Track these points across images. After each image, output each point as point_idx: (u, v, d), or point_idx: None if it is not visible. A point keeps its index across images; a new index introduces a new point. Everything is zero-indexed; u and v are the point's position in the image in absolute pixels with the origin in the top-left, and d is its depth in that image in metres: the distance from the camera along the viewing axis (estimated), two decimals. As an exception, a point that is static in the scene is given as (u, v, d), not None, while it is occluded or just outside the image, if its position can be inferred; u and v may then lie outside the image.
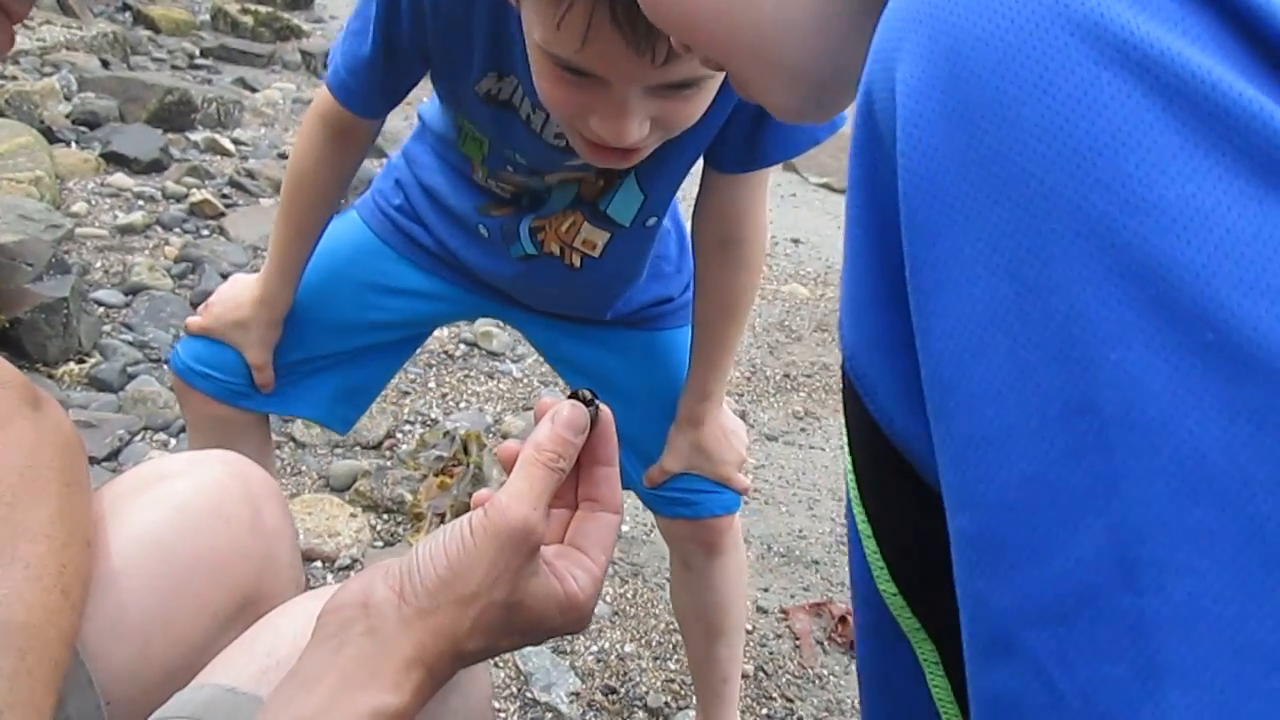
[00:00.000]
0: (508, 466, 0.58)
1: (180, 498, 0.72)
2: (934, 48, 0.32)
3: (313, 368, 1.23)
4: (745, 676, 1.66)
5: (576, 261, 1.14)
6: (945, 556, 0.34)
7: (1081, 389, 0.30)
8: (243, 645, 0.64)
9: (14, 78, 3.60)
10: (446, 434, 2.09)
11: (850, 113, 1.14)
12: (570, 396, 0.60)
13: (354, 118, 1.09)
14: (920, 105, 0.32)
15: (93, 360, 2.13)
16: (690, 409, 1.18)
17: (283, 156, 3.65)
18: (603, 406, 0.61)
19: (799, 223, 4.11)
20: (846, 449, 0.40)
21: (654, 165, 1.05)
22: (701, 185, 1.10)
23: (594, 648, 1.67)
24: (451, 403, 2.33)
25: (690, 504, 1.23)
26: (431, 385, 2.38)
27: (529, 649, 1.58)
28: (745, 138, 1.03)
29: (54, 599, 0.58)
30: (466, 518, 0.53)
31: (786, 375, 2.77)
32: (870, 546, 0.38)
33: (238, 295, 1.19)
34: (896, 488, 0.36)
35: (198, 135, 3.63)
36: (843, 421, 0.39)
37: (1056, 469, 0.30)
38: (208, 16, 5.80)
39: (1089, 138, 0.29)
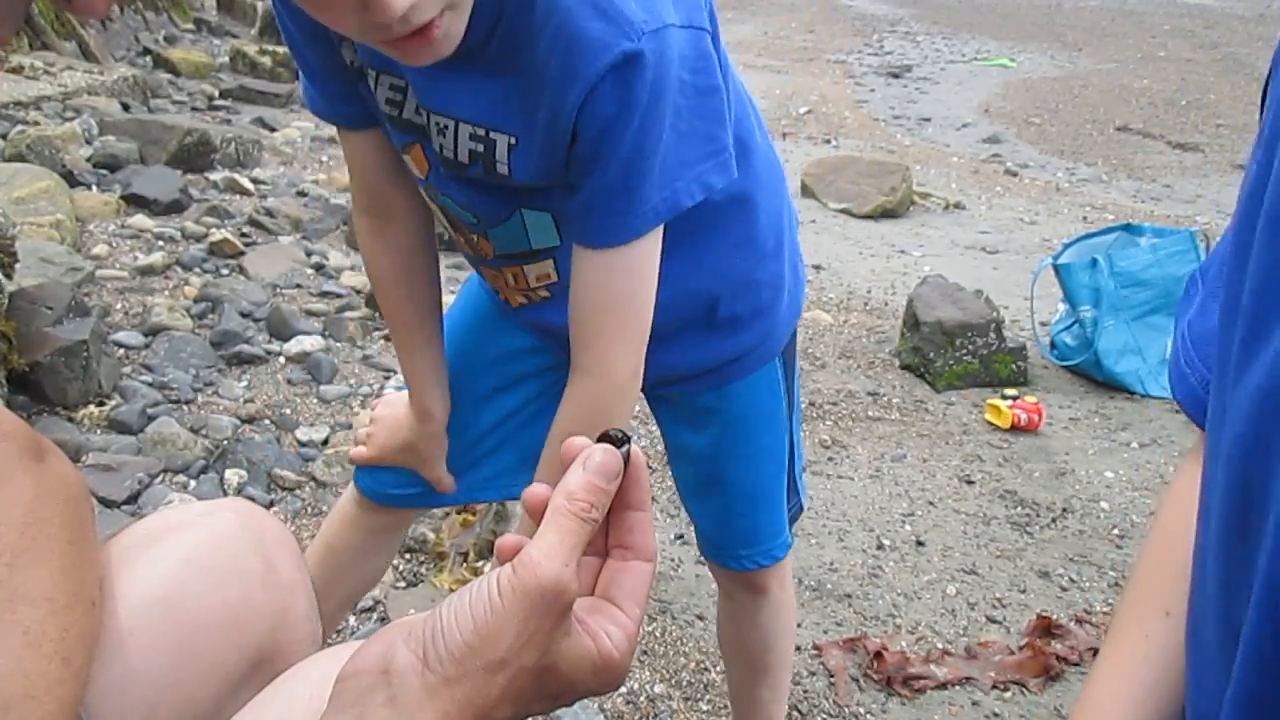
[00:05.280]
0: (535, 515, 0.53)
1: (189, 551, 0.68)
2: None
3: (488, 446, 1.19)
4: (780, 717, 1.60)
5: (546, 294, 1.06)
6: None
7: None
8: (254, 711, 0.61)
9: (36, 123, 3.63)
10: (469, 471, 2.06)
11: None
12: (600, 438, 0.56)
13: (379, 188, 1.05)
14: None
15: (113, 402, 2.12)
16: None
17: (301, 194, 3.66)
18: (634, 448, 0.57)
19: (820, 248, 4.07)
20: None
21: (528, 179, 0.93)
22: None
23: (623, 689, 1.62)
24: (473, 438, 2.30)
25: (738, 558, 1.22)
26: (453, 421, 2.35)
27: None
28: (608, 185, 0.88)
29: (54, 668, 0.55)
30: (494, 575, 0.49)
31: (812, 404, 2.72)
32: None
33: (395, 418, 1.16)
34: None
35: (217, 175, 3.64)
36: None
37: None
38: (226, 58, 5.87)
39: None
